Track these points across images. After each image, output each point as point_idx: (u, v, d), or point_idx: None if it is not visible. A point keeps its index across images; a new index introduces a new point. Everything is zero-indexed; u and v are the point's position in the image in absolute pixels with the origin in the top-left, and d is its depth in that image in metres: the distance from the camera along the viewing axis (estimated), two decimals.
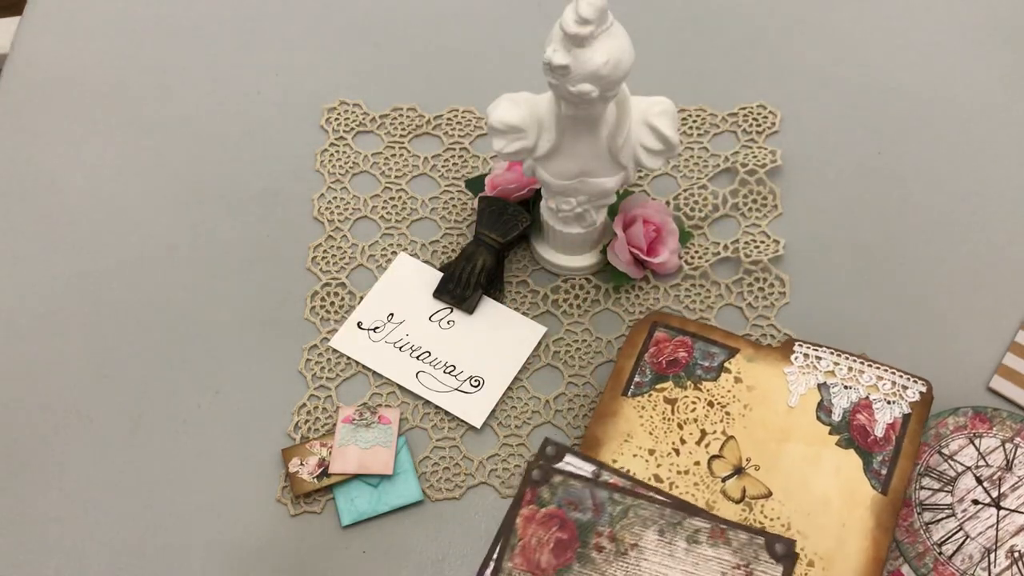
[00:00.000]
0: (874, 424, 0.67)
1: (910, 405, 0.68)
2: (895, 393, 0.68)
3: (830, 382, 0.69)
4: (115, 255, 0.83)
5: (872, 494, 0.65)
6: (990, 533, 0.64)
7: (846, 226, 0.84)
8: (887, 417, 0.67)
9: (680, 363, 0.71)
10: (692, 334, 0.73)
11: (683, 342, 0.72)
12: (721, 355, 0.71)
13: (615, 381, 0.72)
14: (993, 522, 0.65)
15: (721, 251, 0.82)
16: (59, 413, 0.76)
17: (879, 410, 0.67)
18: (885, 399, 0.68)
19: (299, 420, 0.75)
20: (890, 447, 0.66)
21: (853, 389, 0.69)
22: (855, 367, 0.69)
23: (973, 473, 0.67)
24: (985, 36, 0.95)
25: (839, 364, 0.70)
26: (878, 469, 0.65)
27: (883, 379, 0.69)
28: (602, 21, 0.61)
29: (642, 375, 0.71)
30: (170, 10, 0.99)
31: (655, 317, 0.75)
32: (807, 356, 0.70)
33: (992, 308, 0.79)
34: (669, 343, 0.72)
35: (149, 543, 0.71)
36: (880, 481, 0.65)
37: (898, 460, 0.66)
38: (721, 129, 0.89)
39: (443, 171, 0.88)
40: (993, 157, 0.87)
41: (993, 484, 0.66)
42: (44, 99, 0.93)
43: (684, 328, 0.74)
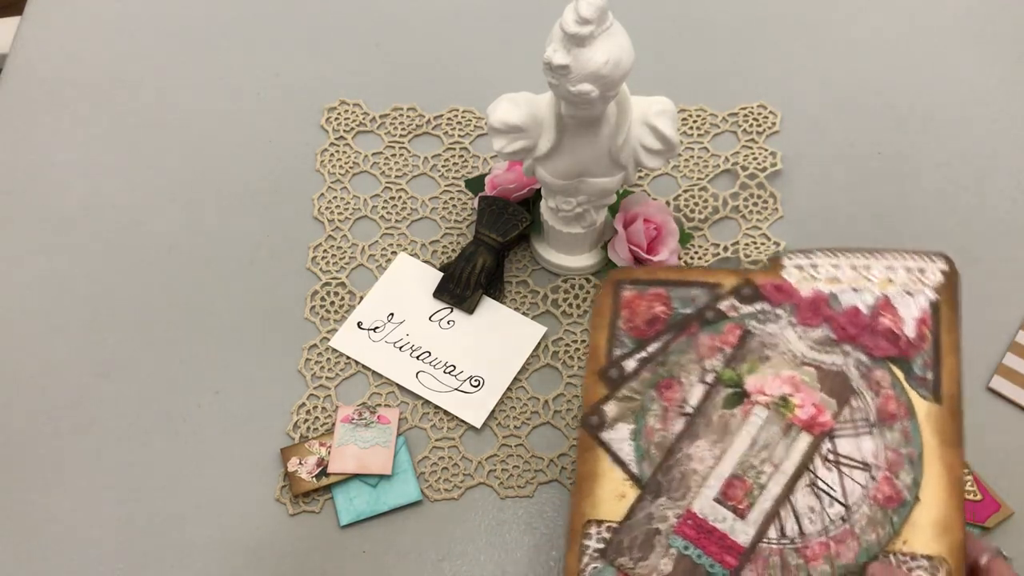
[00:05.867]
0: (901, 324, 0.57)
1: (934, 290, 0.58)
2: (914, 280, 0.58)
3: (836, 289, 0.59)
4: (115, 255, 0.83)
5: (925, 407, 0.55)
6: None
7: (846, 226, 0.84)
8: (914, 311, 0.57)
9: (660, 320, 0.60)
10: (664, 281, 0.61)
11: (656, 295, 0.61)
12: (704, 297, 0.60)
13: (592, 363, 0.60)
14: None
15: (721, 252, 0.82)
16: (58, 413, 0.76)
17: (901, 305, 0.57)
18: (904, 291, 0.58)
19: (298, 419, 0.75)
20: (927, 345, 0.56)
21: (865, 290, 0.58)
22: (859, 263, 0.59)
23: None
24: (985, 36, 0.95)
25: (839, 266, 0.59)
26: (922, 375, 0.56)
27: (894, 268, 0.58)
28: (602, 21, 0.61)
29: (621, 347, 0.60)
30: (170, 10, 0.99)
31: (616, 275, 0.63)
32: (801, 268, 0.60)
33: (992, 308, 0.79)
34: (639, 300, 0.61)
35: (148, 542, 0.71)
36: (928, 388, 0.55)
37: (941, 358, 0.56)
38: (721, 129, 0.89)
39: (443, 171, 0.88)
40: (993, 157, 0.87)
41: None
42: (44, 99, 0.93)
43: (653, 278, 0.62)
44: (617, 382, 0.58)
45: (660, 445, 0.56)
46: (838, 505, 0.53)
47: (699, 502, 0.54)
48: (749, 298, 0.59)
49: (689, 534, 0.53)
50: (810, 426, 0.55)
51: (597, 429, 0.57)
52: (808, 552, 0.52)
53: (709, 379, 0.57)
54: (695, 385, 0.57)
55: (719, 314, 0.59)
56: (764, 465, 0.54)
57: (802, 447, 0.54)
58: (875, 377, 0.56)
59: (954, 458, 0.54)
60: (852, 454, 0.54)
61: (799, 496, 0.53)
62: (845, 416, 0.55)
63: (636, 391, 0.58)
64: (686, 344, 0.59)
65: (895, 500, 0.53)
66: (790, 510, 0.53)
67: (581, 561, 0.53)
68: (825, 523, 0.52)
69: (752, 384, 0.56)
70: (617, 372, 0.59)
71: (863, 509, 0.53)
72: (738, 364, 0.57)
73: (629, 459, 0.56)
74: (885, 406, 0.55)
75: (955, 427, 0.54)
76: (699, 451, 0.55)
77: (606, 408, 0.58)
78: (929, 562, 0.51)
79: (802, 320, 0.58)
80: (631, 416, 0.57)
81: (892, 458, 0.54)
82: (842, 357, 0.57)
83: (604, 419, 0.57)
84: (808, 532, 0.52)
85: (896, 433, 0.54)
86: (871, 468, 0.54)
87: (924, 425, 0.54)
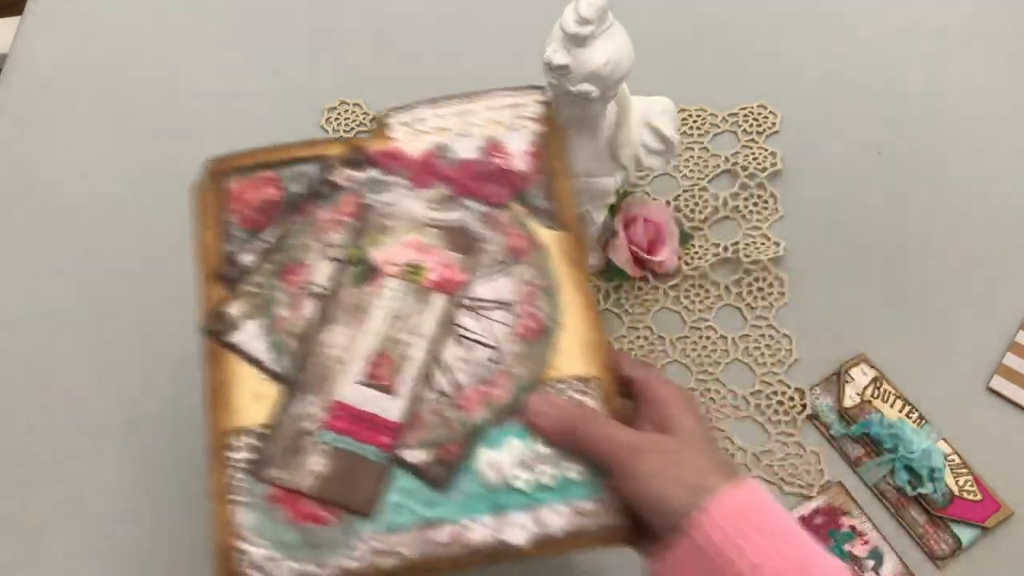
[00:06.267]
0: (512, 161, 0.58)
1: (536, 121, 0.59)
2: (515, 118, 0.59)
3: (446, 139, 0.58)
4: (115, 255, 0.83)
5: (549, 235, 0.56)
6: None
7: (846, 226, 0.84)
8: (520, 146, 0.58)
9: (274, 203, 0.57)
10: (269, 163, 0.58)
11: (266, 178, 0.57)
12: (314, 171, 0.57)
13: (204, 266, 0.57)
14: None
15: (721, 252, 0.82)
16: (58, 412, 0.76)
17: (509, 142, 0.58)
18: (508, 129, 0.58)
19: None
20: (541, 176, 0.57)
21: (471, 135, 0.58)
22: (462, 110, 0.59)
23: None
24: (985, 36, 0.95)
25: (443, 115, 0.59)
26: (541, 206, 0.56)
27: (496, 108, 0.59)
28: (602, 21, 0.61)
29: (233, 242, 0.57)
30: (170, 10, 0.99)
31: (215, 167, 0.59)
32: (407, 124, 0.59)
33: (992, 308, 0.79)
34: (249, 188, 0.57)
35: (148, 542, 0.70)
36: (550, 217, 0.56)
37: (555, 184, 0.57)
38: (721, 129, 0.89)
39: None
40: (993, 157, 0.87)
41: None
42: (44, 99, 0.93)
43: (256, 161, 0.58)
44: (236, 280, 0.55)
45: (294, 333, 0.54)
46: (487, 349, 0.53)
47: (344, 390, 0.52)
48: (361, 165, 0.57)
49: (339, 425, 0.51)
50: (443, 285, 0.54)
51: (223, 334, 0.54)
52: (464, 402, 0.52)
53: (334, 255, 0.55)
54: (320, 264, 0.55)
55: (333, 187, 0.57)
56: (405, 335, 0.53)
57: (440, 307, 0.54)
58: (498, 219, 0.56)
59: (584, 278, 0.55)
60: (490, 296, 0.54)
61: (447, 351, 0.53)
62: (476, 265, 0.55)
63: (259, 284, 0.55)
64: (304, 224, 0.56)
65: (539, 331, 0.53)
66: (440, 368, 0.53)
67: (228, 478, 0.51)
68: (476, 370, 0.52)
69: (378, 257, 0.55)
70: (234, 269, 0.55)
71: (511, 347, 0.53)
72: (360, 239, 0.56)
73: (263, 356, 0.53)
74: (512, 244, 0.55)
75: (579, 248, 0.56)
76: (336, 336, 0.53)
77: (230, 309, 0.55)
78: (582, 382, 0.52)
79: (416, 183, 0.57)
80: (258, 311, 0.54)
81: (528, 291, 0.54)
82: (461, 211, 0.56)
83: (228, 321, 0.54)
84: (462, 383, 0.52)
85: (527, 267, 0.55)
86: (511, 305, 0.54)
87: (552, 253, 0.55)
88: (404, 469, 0.51)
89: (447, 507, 0.50)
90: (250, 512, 0.50)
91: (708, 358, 0.77)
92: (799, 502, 0.71)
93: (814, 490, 0.72)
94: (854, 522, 0.70)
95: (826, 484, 0.72)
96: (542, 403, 0.51)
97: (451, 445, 0.51)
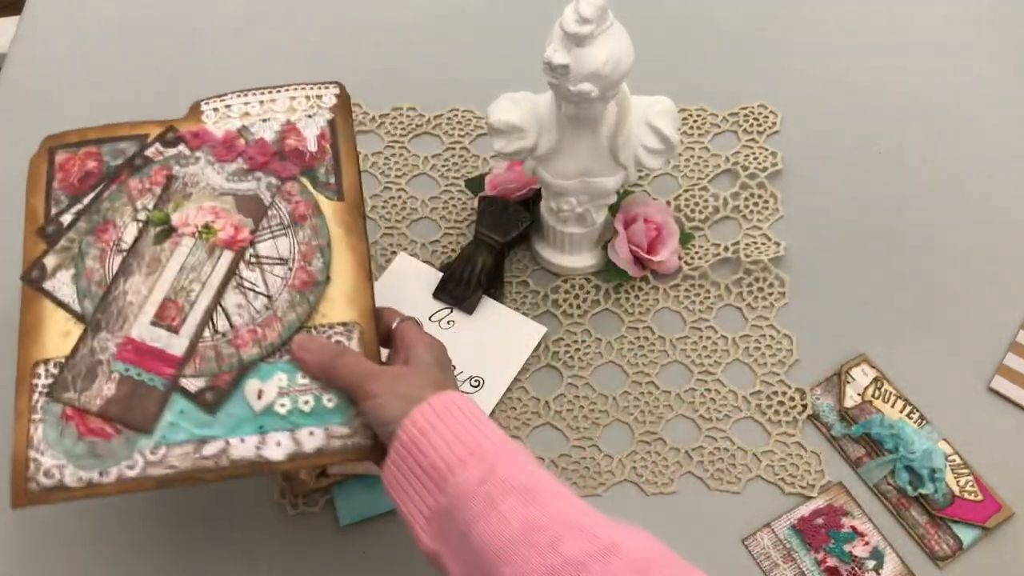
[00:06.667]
0: (305, 142, 0.67)
1: (331, 110, 0.68)
2: (312, 106, 0.68)
3: (248, 123, 0.68)
4: None
5: (330, 205, 0.65)
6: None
7: (846, 226, 0.84)
8: (314, 130, 0.67)
9: (94, 173, 0.66)
10: (94, 140, 0.68)
11: (89, 152, 0.67)
12: (131, 147, 0.67)
13: (30, 225, 0.65)
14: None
15: (721, 252, 0.82)
16: None
17: (304, 127, 0.67)
18: (305, 115, 0.68)
19: None
20: (328, 156, 0.66)
21: (272, 120, 0.68)
22: (266, 99, 0.69)
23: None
24: (985, 36, 0.95)
25: (249, 103, 0.69)
26: (325, 181, 0.65)
27: (296, 98, 0.69)
28: (602, 20, 0.61)
29: (57, 205, 0.65)
30: (170, 10, 0.99)
31: (49, 142, 0.69)
32: (217, 110, 0.68)
33: (992, 308, 0.79)
34: (74, 160, 0.67)
35: (147, 541, 0.70)
36: (332, 190, 0.65)
37: (340, 164, 0.66)
38: (721, 129, 0.89)
39: (443, 171, 0.88)
40: (993, 157, 0.87)
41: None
42: (43, 99, 0.93)
43: (84, 138, 0.68)
44: (55, 236, 0.64)
45: (100, 283, 0.62)
46: (263, 298, 0.61)
47: (137, 328, 0.60)
48: (172, 142, 0.67)
49: (129, 357, 0.59)
50: (231, 244, 0.63)
51: (39, 281, 0.62)
52: (239, 341, 0.60)
53: (141, 217, 0.64)
54: (129, 225, 0.64)
55: (146, 160, 0.66)
56: (193, 284, 0.62)
57: (226, 262, 0.62)
58: (286, 190, 0.65)
59: (357, 241, 0.64)
60: (271, 254, 0.63)
61: (228, 298, 0.61)
62: (263, 227, 0.64)
63: (73, 240, 0.64)
64: (118, 191, 0.65)
65: (310, 283, 0.62)
66: (221, 312, 0.61)
67: (30, 401, 0.59)
68: (252, 314, 0.61)
69: (178, 219, 0.64)
70: (55, 227, 0.64)
71: (283, 296, 0.61)
72: (164, 204, 0.64)
73: (71, 300, 0.62)
74: (296, 210, 0.64)
75: (356, 217, 0.65)
76: (134, 285, 0.62)
77: (46, 261, 0.63)
78: (344, 327, 0.61)
79: (219, 158, 0.66)
80: (71, 262, 0.63)
81: (305, 250, 0.63)
82: (255, 182, 0.65)
83: (45, 271, 0.63)
84: (237, 325, 0.61)
85: (307, 230, 0.64)
86: (288, 261, 0.63)
87: (331, 220, 0.64)
88: (181, 395, 0.59)
89: (216, 427, 0.58)
90: (46, 428, 0.58)
91: (708, 358, 0.77)
92: (800, 502, 0.71)
93: (815, 490, 0.72)
94: (855, 523, 0.70)
95: (827, 484, 0.72)
96: (306, 341, 0.60)
97: (224, 376, 0.59)
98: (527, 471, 0.52)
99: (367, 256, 0.64)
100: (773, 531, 0.70)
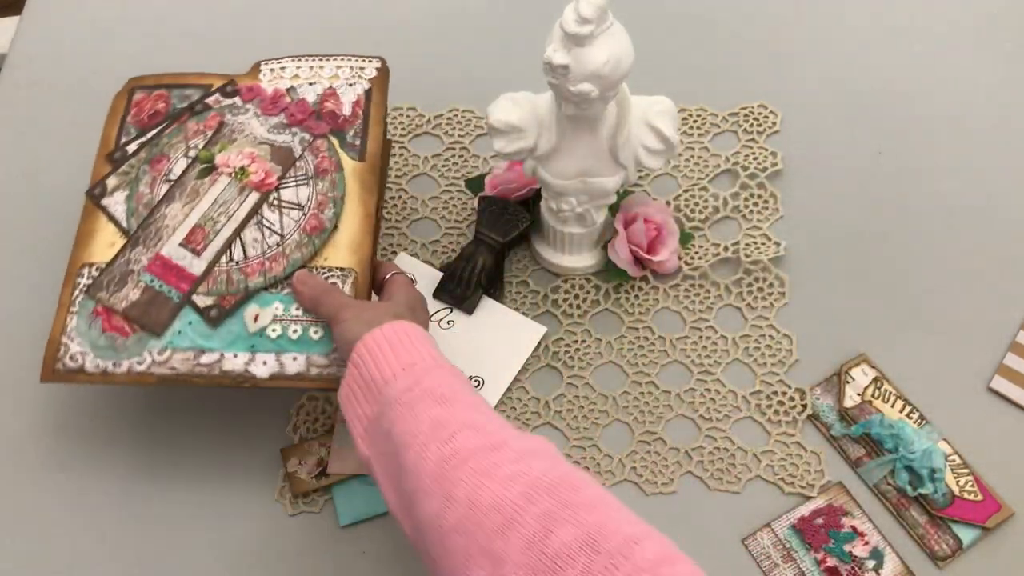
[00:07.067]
0: (341, 106, 0.74)
1: (369, 81, 0.76)
2: (354, 76, 0.76)
3: (296, 84, 0.76)
4: None
5: (351, 164, 0.72)
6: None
7: (846, 226, 0.84)
8: (351, 97, 0.75)
9: (160, 113, 0.76)
10: (167, 85, 0.78)
11: (160, 95, 0.77)
12: (196, 94, 0.77)
13: (102, 149, 0.75)
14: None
15: (721, 252, 0.82)
16: (58, 413, 0.76)
17: (343, 93, 0.75)
18: (347, 83, 0.76)
19: (298, 420, 0.75)
20: (359, 121, 0.74)
21: (317, 83, 0.76)
22: (316, 64, 0.77)
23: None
24: (985, 36, 0.95)
25: (301, 67, 0.77)
26: (352, 142, 0.73)
27: (342, 67, 0.77)
28: (602, 21, 0.61)
29: (127, 135, 0.76)
30: (169, 11, 0.99)
31: (131, 83, 0.79)
32: (273, 70, 0.77)
33: (992, 308, 0.79)
34: (148, 100, 0.77)
35: (147, 542, 0.70)
36: (356, 151, 0.73)
37: (368, 129, 0.74)
38: (721, 129, 0.89)
39: (443, 171, 0.88)
40: (993, 157, 0.87)
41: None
42: (44, 99, 0.93)
43: (160, 82, 0.78)
44: (120, 161, 0.74)
45: (147, 205, 0.72)
46: (276, 236, 0.69)
47: (167, 247, 0.69)
48: (229, 94, 0.76)
49: (156, 271, 0.69)
50: (259, 186, 0.71)
51: (99, 198, 0.73)
52: (248, 270, 0.68)
53: (191, 155, 0.73)
54: (179, 160, 0.73)
55: (205, 106, 0.76)
56: (221, 216, 0.70)
57: (252, 201, 0.71)
58: (316, 146, 0.73)
59: (368, 198, 0.71)
60: (291, 199, 0.71)
61: (247, 232, 0.69)
62: (289, 175, 0.72)
63: (133, 166, 0.74)
64: (177, 130, 0.75)
65: (319, 229, 0.69)
66: (239, 243, 0.69)
67: (71, 295, 0.69)
68: (264, 249, 0.69)
69: (220, 160, 0.72)
70: (120, 154, 0.74)
71: (294, 237, 0.69)
72: (212, 146, 0.73)
73: (121, 217, 0.72)
74: (320, 164, 0.72)
75: (373, 178, 0.72)
76: (173, 211, 0.71)
77: (107, 181, 0.73)
78: (341, 272, 0.68)
79: (264, 111, 0.75)
80: (127, 185, 0.73)
81: (321, 200, 0.71)
82: (291, 136, 0.73)
83: (105, 190, 0.73)
84: (250, 256, 0.69)
85: (326, 183, 0.71)
86: (304, 207, 0.70)
87: (349, 177, 0.72)
88: (192, 308, 0.68)
89: (215, 341, 0.67)
90: (79, 320, 0.68)
91: (708, 358, 0.77)
92: (800, 502, 0.71)
93: (815, 490, 0.72)
94: (855, 522, 0.70)
95: (827, 484, 0.72)
96: (305, 276, 0.67)
97: (230, 297, 0.68)
98: (448, 384, 0.57)
99: (375, 214, 0.71)
100: (773, 531, 0.70)
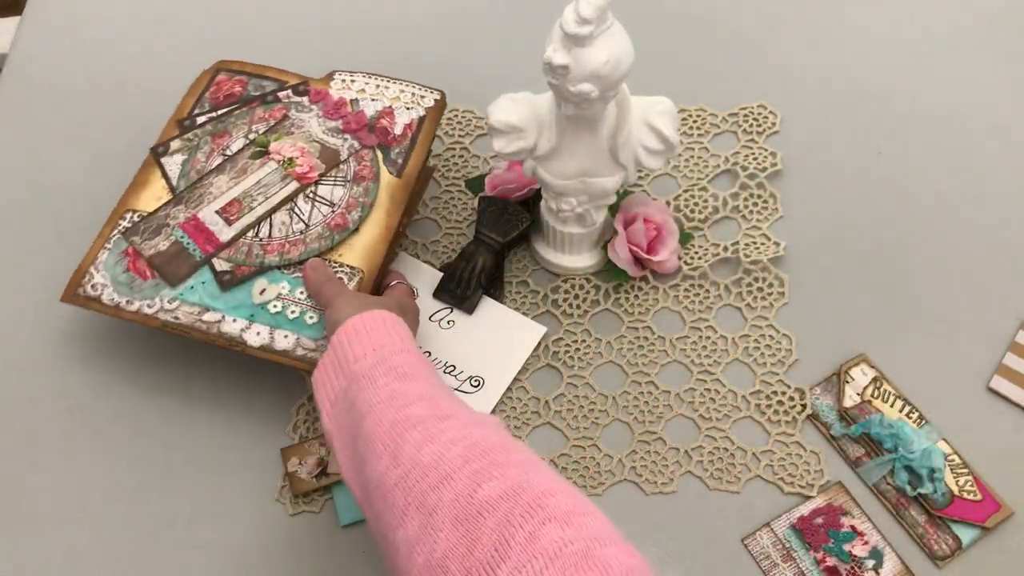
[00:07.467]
0: (394, 125, 0.80)
1: (426, 109, 0.81)
2: (414, 101, 0.82)
3: (360, 98, 0.82)
4: None
5: (388, 178, 0.77)
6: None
7: (846, 226, 0.84)
8: (405, 119, 0.80)
9: (235, 95, 0.83)
10: (249, 73, 0.85)
11: (239, 80, 0.84)
12: (271, 86, 0.83)
13: (177, 114, 0.82)
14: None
15: (721, 252, 0.82)
16: (57, 412, 0.76)
17: (399, 114, 0.81)
18: (405, 106, 0.81)
19: (298, 420, 0.75)
20: (406, 141, 0.79)
21: (379, 100, 0.82)
22: (382, 84, 0.83)
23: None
24: (984, 37, 0.95)
25: (368, 83, 0.83)
26: (395, 159, 0.78)
27: (404, 91, 0.82)
28: (602, 21, 0.61)
29: (201, 108, 0.82)
30: (170, 10, 0.99)
31: (218, 65, 0.86)
32: (344, 81, 0.83)
33: (992, 308, 0.79)
34: (228, 81, 0.84)
35: (147, 542, 0.70)
36: (396, 168, 0.78)
37: (413, 150, 0.79)
38: (721, 129, 0.89)
39: (443, 171, 0.88)
40: (993, 157, 0.87)
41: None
42: (44, 99, 0.93)
43: (243, 69, 0.85)
44: (187, 128, 0.81)
45: (199, 172, 0.78)
46: (302, 224, 0.75)
47: (204, 212, 0.76)
48: (300, 93, 0.83)
49: (188, 229, 0.75)
50: (301, 178, 0.77)
51: (160, 155, 0.80)
52: (268, 248, 0.74)
53: (251, 137, 0.79)
54: (239, 139, 0.80)
55: (276, 99, 0.82)
56: (259, 196, 0.76)
57: (290, 189, 0.77)
58: (361, 155, 0.79)
59: (395, 211, 0.76)
60: (326, 196, 0.76)
61: (278, 215, 0.75)
62: (330, 175, 0.78)
63: (197, 135, 0.81)
64: (245, 113, 0.81)
65: (342, 227, 0.75)
66: (268, 222, 0.75)
67: (110, 232, 0.76)
68: (288, 233, 0.75)
69: (274, 147, 0.79)
70: (190, 122, 0.82)
71: (318, 229, 0.75)
72: (271, 134, 0.80)
73: (173, 176, 0.78)
74: (360, 171, 0.78)
75: (404, 194, 0.77)
76: (220, 182, 0.77)
77: (172, 143, 0.80)
78: (351, 270, 0.73)
79: (326, 115, 0.81)
80: (187, 150, 0.80)
81: (351, 202, 0.76)
82: (342, 141, 0.79)
83: (167, 149, 0.80)
84: (274, 236, 0.74)
85: (361, 188, 0.77)
86: (335, 205, 0.76)
87: (383, 188, 0.77)
88: (209, 269, 0.73)
89: (221, 303, 0.72)
90: (109, 255, 0.75)
91: (708, 358, 0.77)
92: (799, 502, 0.71)
93: (814, 490, 0.72)
94: (854, 522, 0.70)
95: (826, 484, 0.72)
96: (317, 263, 0.73)
97: (244, 268, 0.73)
98: (411, 364, 0.60)
99: (396, 229, 0.76)
100: (772, 531, 0.70)
